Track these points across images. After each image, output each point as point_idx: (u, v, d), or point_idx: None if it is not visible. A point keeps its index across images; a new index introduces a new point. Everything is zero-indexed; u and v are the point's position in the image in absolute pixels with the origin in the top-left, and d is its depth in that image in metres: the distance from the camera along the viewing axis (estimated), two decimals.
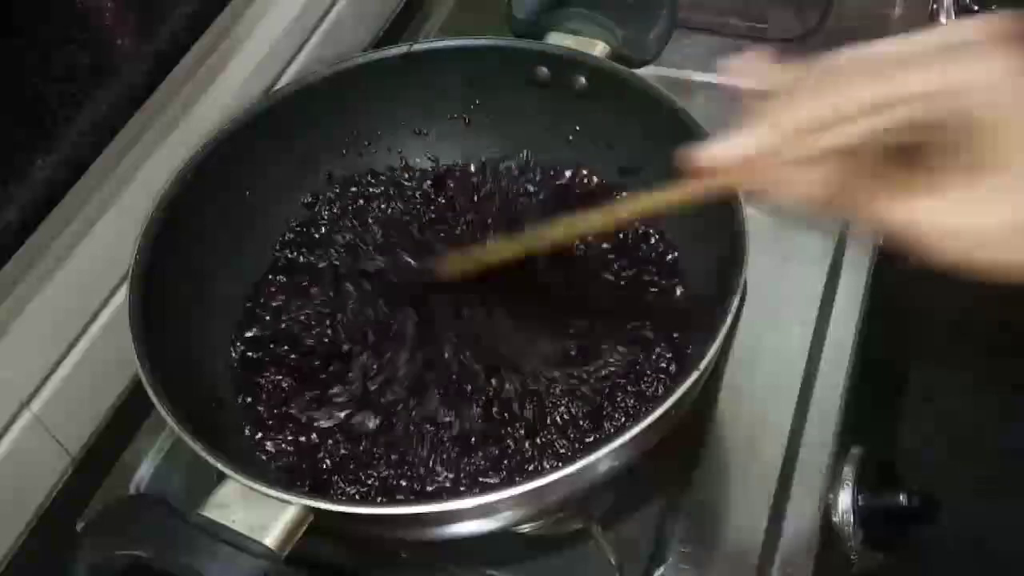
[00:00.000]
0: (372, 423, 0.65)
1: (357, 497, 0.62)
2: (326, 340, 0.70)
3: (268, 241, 0.75)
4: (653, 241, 0.72)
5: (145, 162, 0.69)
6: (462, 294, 0.71)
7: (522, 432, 0.64)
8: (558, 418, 0.64)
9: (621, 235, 0.73)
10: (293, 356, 0.69)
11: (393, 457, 0.64)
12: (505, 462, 0.63)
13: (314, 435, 0.65)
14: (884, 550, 0.72)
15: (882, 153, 0.42)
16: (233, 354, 0.69)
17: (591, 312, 0.69)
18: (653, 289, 0.71)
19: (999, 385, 1.33)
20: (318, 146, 0.76)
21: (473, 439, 0.64)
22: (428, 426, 0.65)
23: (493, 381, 0.66)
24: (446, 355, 0.68)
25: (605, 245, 0.73)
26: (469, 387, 0.66)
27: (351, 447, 0.64)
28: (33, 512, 0.65)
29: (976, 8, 0.95)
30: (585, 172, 0.77)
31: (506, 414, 0.65)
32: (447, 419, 0.65)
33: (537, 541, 0.64)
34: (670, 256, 0.72)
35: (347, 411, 0.66)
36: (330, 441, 0.65)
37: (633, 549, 0.63)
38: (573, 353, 0.67)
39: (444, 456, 0.63)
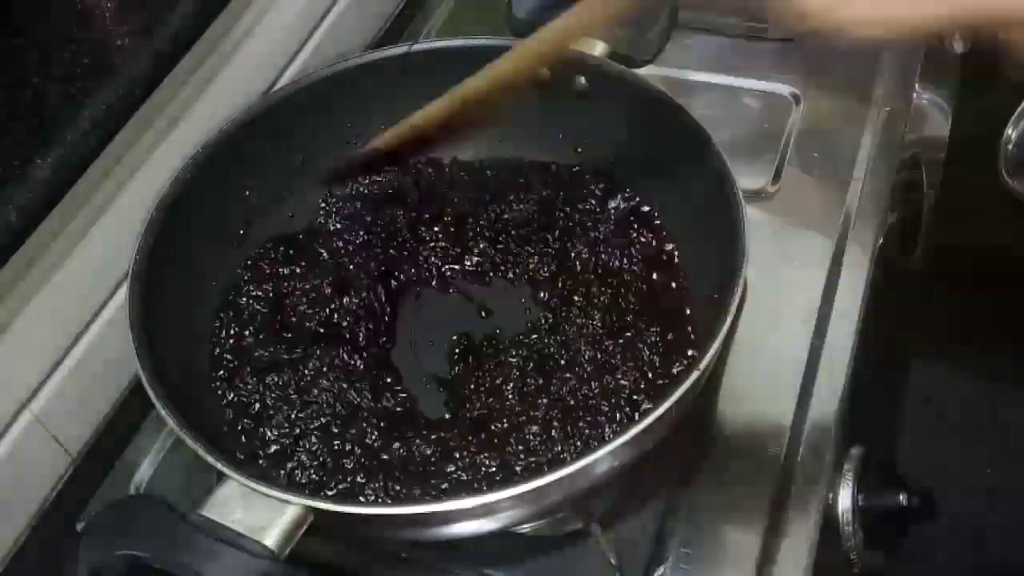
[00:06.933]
0: (369, 423, 0.65)
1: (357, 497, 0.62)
2: (325, 340, 0.70)
3: (268, 241, 0.74)
4: (653, 242, 0.73)
5: (145, 162, 0.69)
6: (463, 291, 0.72)
7: (522, 432, 0.64)
8: (559, 418, 0.64)
9: (621, 236, 0.73)
10: (291, 357, 0.69)
11: (392, 457, 0.64)
12: (505, 462, 0.63)
13: (312, 435, 0.65)
14: (884, 550, 0.72)
15: None
16: (233, 353, 0.69)
17: (590, 313, 0.70)
18: (653, 290, 0.71)
19: (999, 385, 1.33)
20: (318, 146, 0.76)
21: (473, 440, 0.64)
22: (428, 426, 0.65)
23: (493, 381, 0.66)
24: (446, 355, 0.69)
25: (606, 247, 0.73)
26: (470, 387, 0.66)
27: (349, 448, 0.64)
28: (33, 512, 0.65)
29: None
30: (585, 172, 0.77)
31: (507, 414, 0.65)
32: (447, 421, 0.65)
33: (537, 541, 0.64)
34: (670, 257, 0.72)
35: (345, 411, 0.66)
36: (328, 441, 0.65)
37: (633, 549, 0.63)
38: (573, 354, 0.67)
39: (444, 456, 0.63)
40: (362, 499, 0.62)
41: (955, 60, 0.98)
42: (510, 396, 0.65)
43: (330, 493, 0.62)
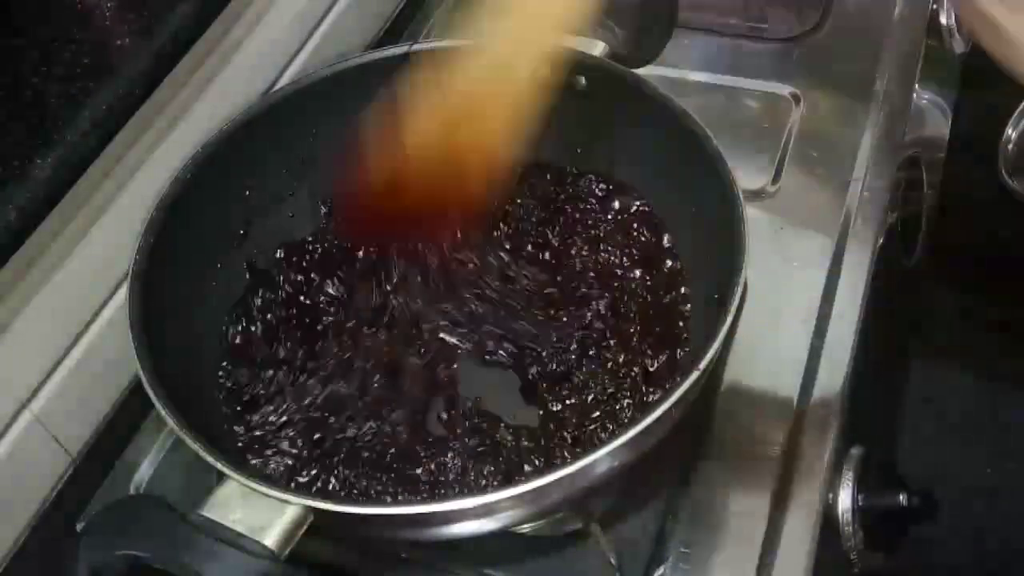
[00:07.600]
0: (370, 425, 0.65)
1: (357, 496, 0.62)
2: (326, 341, 0.70)
3: (268, 241, 0.74)
4: (653, 241, 0.73)
5: (145, 162, 0.69)
6: (463, 293, 0.72)
7: (521, 433, 0.64)
8: (557, 418, 0.64)
9: (621, 236, 0.73)
10: (291, 357, 0.69)
11: (392, 458, 0.64)
12: (504, 463, 0.63)
13: (312, 436, 0.65)
14: (884, 550, 0.72)
15: None
16: (233, 355, 0.69)
17: (589, 313, 0.70)
18: (654, 290, 0.71)
19: (999, 385, 1.33)
20: (318, 146, 0.76)
21: (472, 440, 0.64)
22: (427, 427, 0.65)
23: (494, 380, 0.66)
24: (447, 356, 0.69)
25: (606, 246, 0.73)
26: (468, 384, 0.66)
27: (349, 448, 0.64)
28: (33, 512, 0.65)
29: None
30: (585, 172, 0.77)
31: (507, 415, 0.65)
32: (445, 421, 0.65)
33: (537, 541, 0.64)
34: (671, 256, 0.72)
35: (346, 413, 0.66)
36: (327, 442, 0.65)
37: (633, 549, 0.63)
38: (573, 353, 0.67)
39: (444, 457, 0.63)
40: (362, 499, 0.62)
41: (955, 60, 0.98)
42: (511, 396, 0.66)
43: (330, 493, 0.63)
